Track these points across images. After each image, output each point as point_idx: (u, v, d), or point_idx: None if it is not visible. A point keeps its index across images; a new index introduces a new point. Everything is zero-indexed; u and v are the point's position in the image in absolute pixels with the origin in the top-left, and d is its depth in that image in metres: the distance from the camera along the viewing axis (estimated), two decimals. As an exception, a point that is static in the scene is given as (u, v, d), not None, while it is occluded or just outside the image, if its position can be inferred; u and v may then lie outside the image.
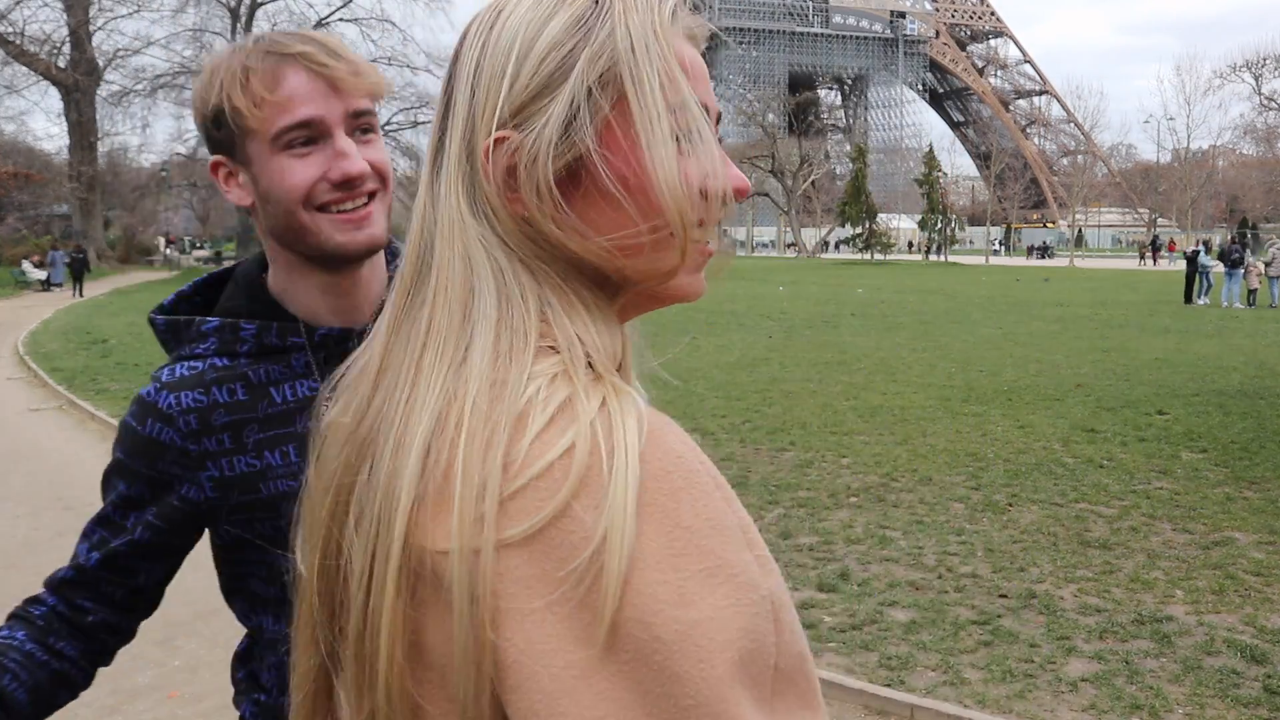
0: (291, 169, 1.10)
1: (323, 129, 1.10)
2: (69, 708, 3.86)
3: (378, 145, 1.17)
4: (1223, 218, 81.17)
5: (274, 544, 1.12)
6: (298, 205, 1.11)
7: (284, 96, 1.08)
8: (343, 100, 1.11)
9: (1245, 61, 61.22)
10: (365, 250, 1.16)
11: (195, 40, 40.65)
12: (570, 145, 0.66)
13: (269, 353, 1.17)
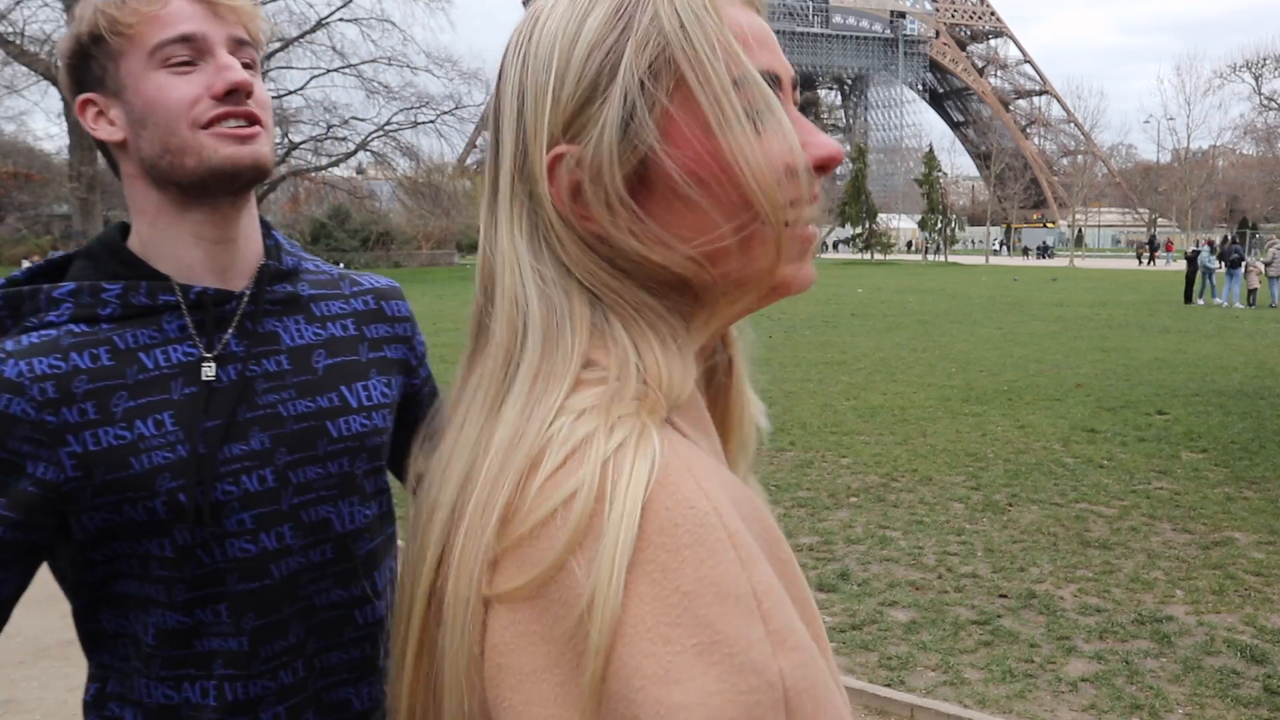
0: (173, 85, 1.03)
1: (205, 46, 1.04)
2: (69, 706, 3.89)
3: (259, 82, 1.10)
4: (1223, 218, 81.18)
5: (149, 531, 1.01)
6: (180, 122, 1.03)
7: (165, 12, 1.03)
8: (223, 25, 1.06)
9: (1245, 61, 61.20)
10: (250, 168, 1.08)
11: (195, 40, 40.65)
12: (634, 148, 0.61)
13: (137, 314, 1.05)
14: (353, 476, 1.13)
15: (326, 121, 41.51)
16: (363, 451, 1.14)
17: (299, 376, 1.11)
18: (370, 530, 1.16)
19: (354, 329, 1.18)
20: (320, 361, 1.13)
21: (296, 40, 41.63)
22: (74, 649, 4.59)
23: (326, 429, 1.10)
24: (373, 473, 1.16)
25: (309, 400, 1.10)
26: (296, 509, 1.08)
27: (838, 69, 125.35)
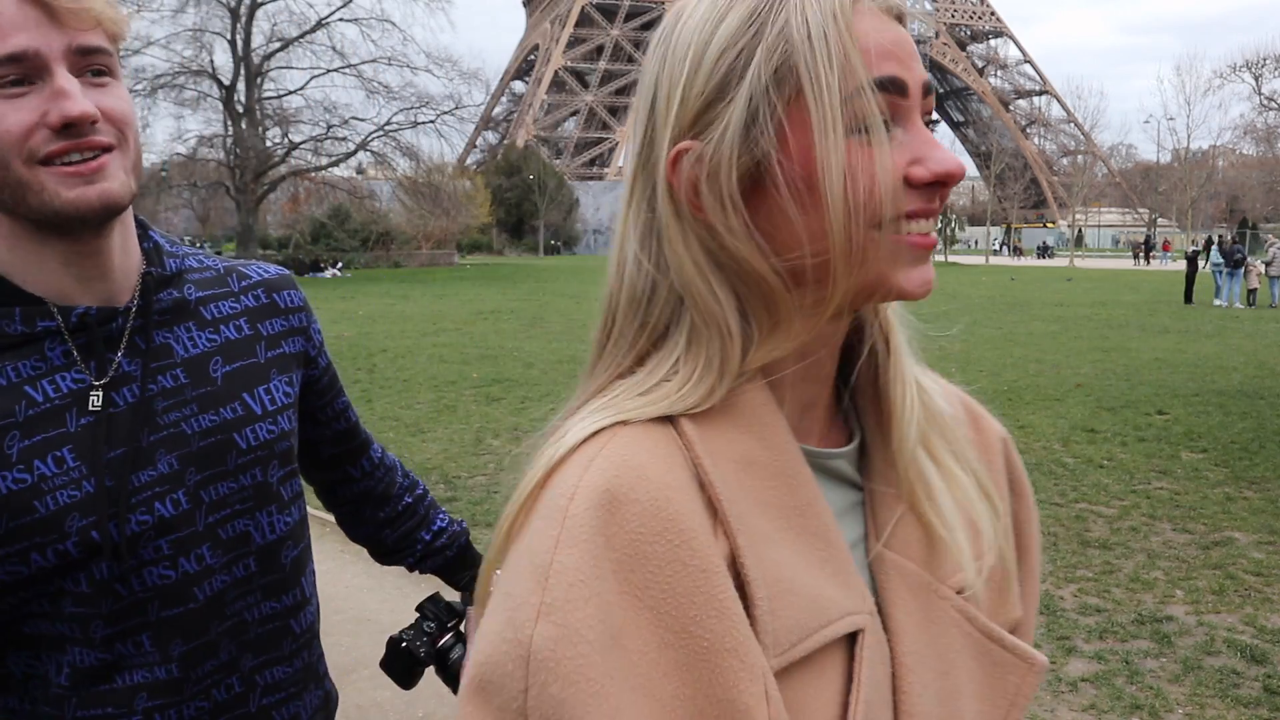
0: (1, 114, 0.89)
1: (38, 64, 0.89)
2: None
3: (115, 91, 0.95)
4: (1223, 218, 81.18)
5: (60, 573, 0.94)
6: (13, 158, 0.90)
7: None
8: (64, 33, 0.90)
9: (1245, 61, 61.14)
10: (100, 210, 0.94)
11: (195, 40, 40.69)
12: (751, 151, 0.62)
13: (15, 344, 0.95)
14: (267, 485, 1.09)
15: (326, 121, 41.54)
16: (274, 458, 1.09)
17: (198, 389, 1.05)
18: (293, 536, 1.13)
19: (248, 328, 1.11)
20: (218, 370, 1.07)
21: (296, 40, 41.62)
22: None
23: (234, 441, 1.06)
24: (287, 478, 1.13)
25: (212, 414, 1.05)
26: (213, 527, 1.03)
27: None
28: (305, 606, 1.15)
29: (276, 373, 1.12)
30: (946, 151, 0.64)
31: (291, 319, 1.17)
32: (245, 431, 1.07)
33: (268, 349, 1.13)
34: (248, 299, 1.13)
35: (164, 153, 43.18)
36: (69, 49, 0.91)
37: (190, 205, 62.90)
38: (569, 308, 21.55)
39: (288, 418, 1.12)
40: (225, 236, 61.59)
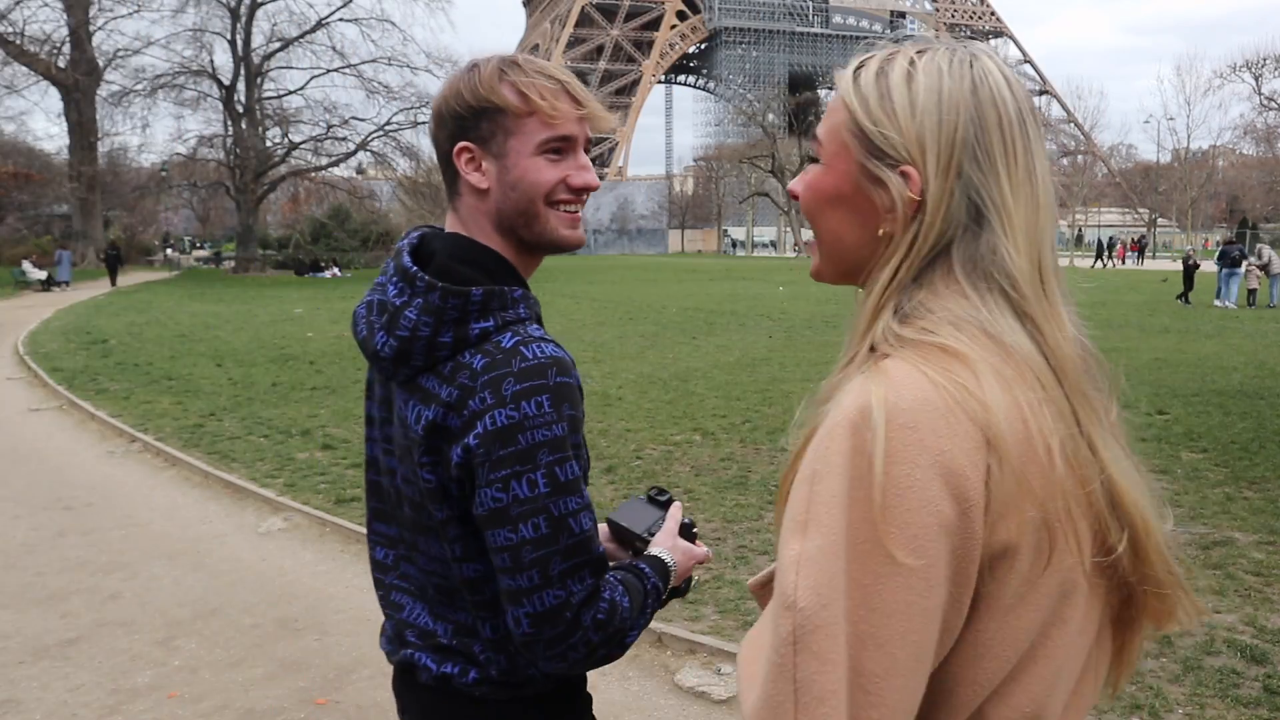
0: (545, 169, 1.35)
1: (572, 145, 1.37)
2: (69, 706, 3.89)
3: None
4: (1223, 218, 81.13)
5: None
6: (540, 197, 1.35)
7: (559, 113, 1.34)
8: (584, 128, 1.38)
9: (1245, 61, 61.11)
10: (577, 245, 1.42)
11: (195, 40, 40.68)
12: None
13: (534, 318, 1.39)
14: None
15: (326, 121, 41.51)
16: None
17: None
18: None
19: None
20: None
21: (297, 40, 41.58)
22: (74, 649, 4.60)
23: None
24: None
25: None
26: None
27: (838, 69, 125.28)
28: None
29: None
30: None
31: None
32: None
33: None
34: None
35: (164, 153, 43.24)
36: (586, 139, 1.39)
37: (190, 205, 62.87)
38: (569, 307, 21.54)
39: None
40: (225, 236, 61.54)
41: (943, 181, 0.89)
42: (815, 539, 0.78)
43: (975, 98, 0.89)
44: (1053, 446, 0.83)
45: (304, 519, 6.11)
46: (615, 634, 1.29)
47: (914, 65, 0.92)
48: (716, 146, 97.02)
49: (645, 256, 71.01)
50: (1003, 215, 0.89)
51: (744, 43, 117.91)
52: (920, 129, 0.89)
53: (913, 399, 0.80)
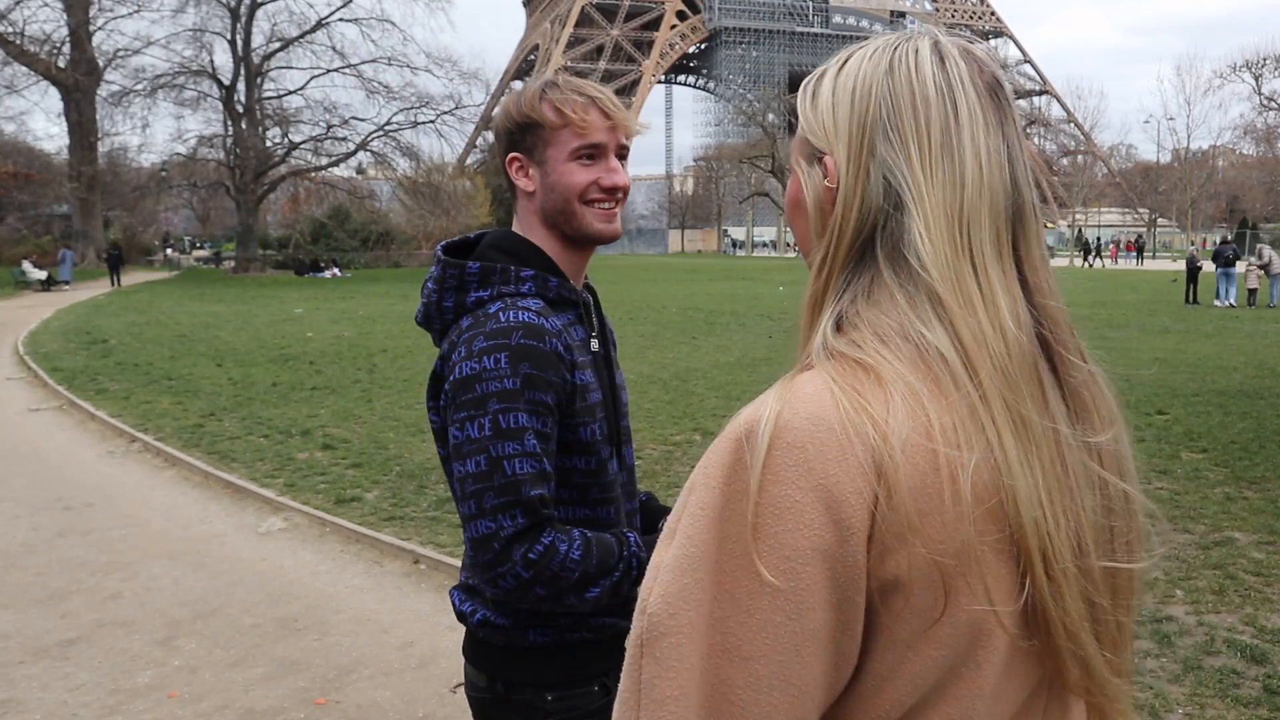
0: (578, 172, 1.57)
1: (602, 151, 1.58)
2: (69, 706, 3.89)
3: (624, 169, 1.62)
4: (1222, 218, 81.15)
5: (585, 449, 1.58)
6: (574, 197, 1.56)
7: (589, 124, 1.55)
8: (615, 135, 1.58)
9: (1245, 61, 61.13)
10: (610, 238, 1.62)
11: (195, 40, 40.68)
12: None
13: (559, 302, 1.57)
14: (631, 430, 1.75)
15: (326, 121, 41.52)
16: (628, 415, 1.77)
17: (614, 354, 1.72)
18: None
19: (608, 324, 1.75)
20: (611, 337, 1.75)
21: (297, 40, 41.58)
22: (74, 649, 4.60)
23: (622, 397, 1.70)
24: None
25: (619, 374, 1.71)
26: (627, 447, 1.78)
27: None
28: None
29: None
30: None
31: (611, 334, 1.76)
32: (623, 393, 1.71)
33: (613, 347, 1.74)
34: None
35: (164, 153, 43.24)
36: (617, 145, 1.60)
37: (190, 205, 62.85)
38: (569, 308, 21.53)
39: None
40: (225, 236, 61.54)
41: (856, 165, 0.85)
42: (677, 548, 0.77)
43: (890, 78, 0.85)
44: (959, 479, 0.75)
45: (304, 519, 6.12)
46: (554, 578, 1.41)
47: (845, 61, 0.89)
48: (716, 146, 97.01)
49: (645, 256, 71.01)
50: (915, 196, 0.82)
51: (744, 43, 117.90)
52: (834, 117, 0.86)
53: (807, 417, 0.77)
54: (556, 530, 1.44)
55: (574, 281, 1.62)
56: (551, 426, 1.47)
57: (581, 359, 1.54)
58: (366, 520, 5.93)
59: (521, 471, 1.42)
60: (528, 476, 1.42)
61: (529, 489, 1.42)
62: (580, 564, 1.43)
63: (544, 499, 1.43)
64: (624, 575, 1.48)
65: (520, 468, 1.42)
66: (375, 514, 6.04)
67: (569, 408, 1.50)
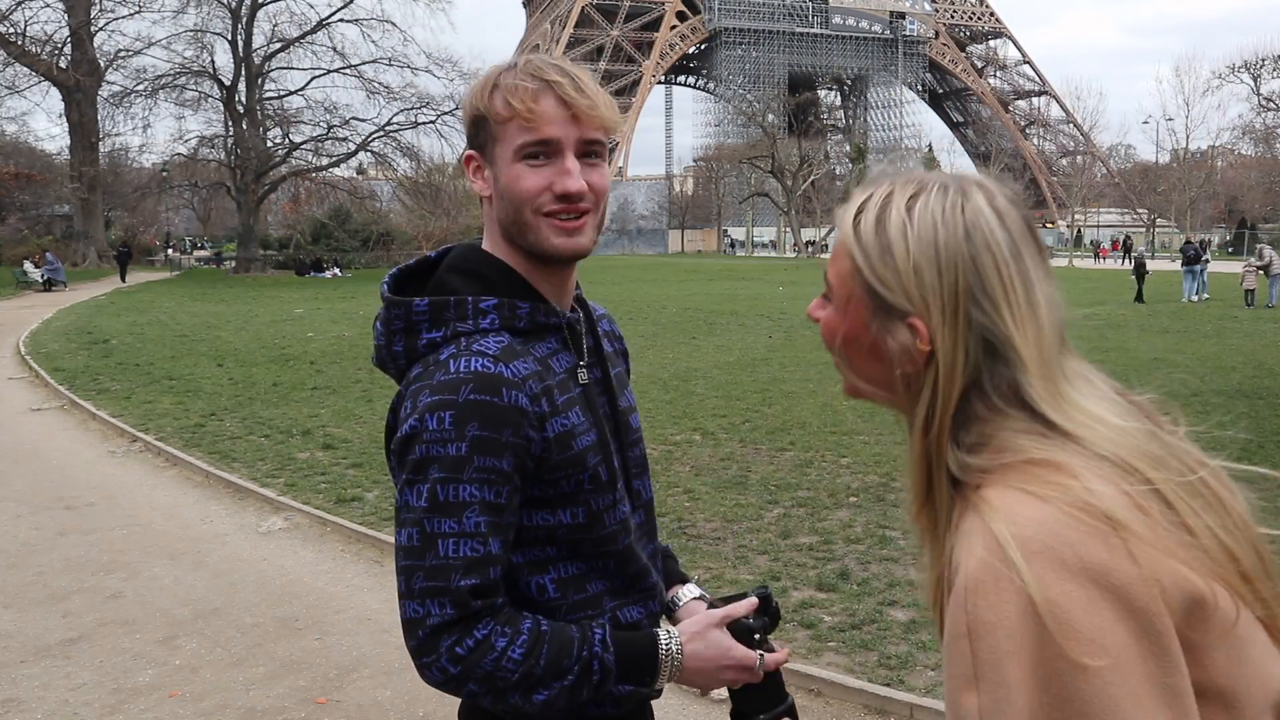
0: (525, 176, 1.29)
1: (557, 148, 1.28)
2: (70, 705, 3.90)
3: (601, 169, 1.33)
4: (1221, 218, 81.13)
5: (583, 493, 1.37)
6: (525, 207, 1.30)
7: (536, 115, 1.26)
8: (578, 128, 1.28)
9: (1244, 62, 61.12)
10: (572, 255, 1.34)
11: (196, 41, 40.67)
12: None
13: (535, 330, 1.35)
14: (646, 458, 1.51)
15: (327, 122, 41.50)
16: (643, 441, 1.53)
17: (616, 378, 1.47)
18: (654, 499, 1.57)
19: (609, 346, 1.50)
20: (615, 369, 1.48)
21: (297, 41, 41.57)
22: (75, 648, 4.62)
23: (632, 422, 1.48)
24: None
25: (625, 398, 1.48)
26: (630, 479, 1.48)
27: (837, 69, 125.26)
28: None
29: (629, 385, 1.55)
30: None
31: (619, 345, 1.56)
32: (633, 417, 1.48)
33: (618, 365, 1.52)
34: (604, 324, 1.53)
35: (165, 153, 43.17)
36: (579, 140, 1.29)
37: (191, 205, 62.86)
38: (569, 308, 21.55)
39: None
40: (226, 237, 61.56)
41: (952, 331, 0.94)
42: (988, 697, 0.83)
43: (970, 244, 0.94)
44: (1152, 510, 0.87)
45: (305, 519, 6.13)
46: (488, 677, 1.22)
47: (909, 214, 0.96)
48: (716, 147, 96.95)
49: (645, 256, 71.01)
50: (1016, 352, 0.94)
51: (744, 43, 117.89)
52: (922, 285, 0.94)
53: (1032, 523, 0.84)
54: (498, 622, 1.23)
55: (557, 302, 1.37)
56: (508, 495, 1.25)
57: (562, 400, 1.30)
58: (367, 520, 5.94)
59: (455, 556, 1.21)
60: (461, 562, 1.21)
61: (460, 577, 1.21)
62: (522, 664, 1.22)
63: (479, 589, 1.22)
64: (581, 679, 1.25)
65: (455, 550, 1.21)
66: (376, 514, 6.05)
67: (543, 464, 1.28)
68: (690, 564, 5.03)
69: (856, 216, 0.99)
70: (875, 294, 0.96)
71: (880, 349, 0.98)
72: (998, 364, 0.94)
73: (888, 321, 0.96)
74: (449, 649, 1.21)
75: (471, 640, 1.21)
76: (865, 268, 0.97)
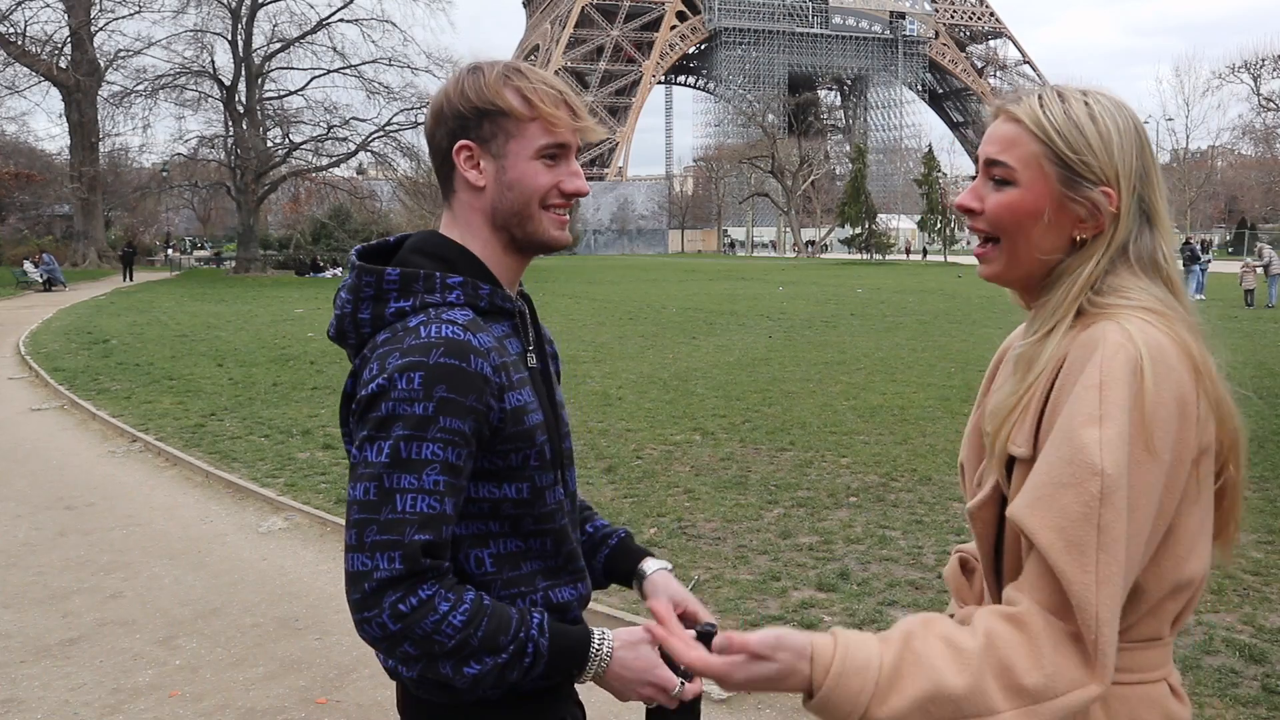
0: (541, 172, 1.41)
1: (566, 152, 1.43)
2: (70, 705, 3.90)
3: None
4: (1221, 218, 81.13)
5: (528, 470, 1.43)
6: (535, 200, 1.41)
7: (560, 121, 1.40)
8: (579, 138, 1.44)
9: (1244, 62, 61.15)
10: (564, 245, 1.48)
11: (196, 41, 40.66)
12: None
13: (493, 311, 1.42)
14: (573, 453, 1.56)
15: (327, 122, 41.49)
16: (570, 436, 1.58)
17: (554, 370, 1.56)
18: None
19: (546, 347, 1.57)
20: (552, 364, 1.56)
21: (297, 41, 41.57)
22: (75, 648, 4.61)
23: (564, 417, 1.52)
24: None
25: (560, 391, 1.55)
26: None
27: (837, 69, 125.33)
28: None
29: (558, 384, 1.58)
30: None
31: (552, 348, 1.60)
32: (564, 412, 1.53)
33: (551, 362, 1.57)
34: (542, 326, 1.57)
35: (165, 153, 43.16)
36: (578, 146, 1.45)
37: (191, 205, 62.88)
38: (568, 307, 21.55)
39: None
40: (226, 237, 61.53)
41: (1129, 198, 1.19)
42: (1111, 429, 1.07)
43: (1138, 134, 1.21)
44: (1216, 374, 1.21)
45: (305, 518, 6.13)
46: (425, 639, 1.24)
47: (1089, 106, 1.20)
48: (716, 147, 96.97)
49: (645, 256, 71.02)
50: (1160, 220, 1.22)
51: (744, 43, 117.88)
52: (1112, 159, 1.19)
53: (1157, 342, 1.11)
54: (442, 585, 1.26)
55: (509, 289, 1.46)
56: (465, 459, 1.29)
57: (517, 377, 1.37)
58: (367, 520, 5.93)
59: (411, 511, 1.25)
60: (418, 517, 1.25)
61: (415, 531, 1.24)
62: (461, 631, 1.25)
63: (432, 546, 1.25)
64: (513, 659, 1.28)
65: (411, 506, 1.25)
66: (376, 514, 6.05)
67: (497, 435, 1.33)
68: (690, 564, 5.03)
69: (1041, 109, 1.20)
70: (1070, 167, 1.19)
71: (1064, 216, 1.20)
72: (1144, 231, 1.21)
73: (1078, 191, 1.19)
74: (392, 605, 1.23)
75: (415, 599, 1.24)
76: (1063, 145, 1.18)
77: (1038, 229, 1.21)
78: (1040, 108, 1.20)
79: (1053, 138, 1.18)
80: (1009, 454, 1.20)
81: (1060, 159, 1.18)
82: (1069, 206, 1.20)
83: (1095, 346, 1.11)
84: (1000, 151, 1.22)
